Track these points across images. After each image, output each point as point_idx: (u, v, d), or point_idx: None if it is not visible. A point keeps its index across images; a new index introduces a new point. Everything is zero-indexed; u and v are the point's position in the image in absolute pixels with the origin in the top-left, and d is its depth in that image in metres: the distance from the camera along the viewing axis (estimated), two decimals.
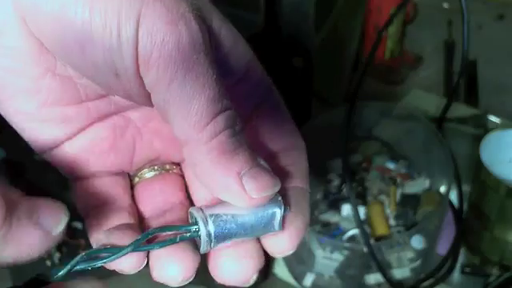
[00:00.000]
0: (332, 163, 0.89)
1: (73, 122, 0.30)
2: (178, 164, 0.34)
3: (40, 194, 0.30)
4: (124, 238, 0.27)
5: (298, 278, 0.81)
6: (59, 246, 0.81)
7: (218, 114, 0.26)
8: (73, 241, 0.81)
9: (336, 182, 0.87)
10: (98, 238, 0.28)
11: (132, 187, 0.33)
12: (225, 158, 0.26)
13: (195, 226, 0.28)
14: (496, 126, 0.94)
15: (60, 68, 0.28)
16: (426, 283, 0.79)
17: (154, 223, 0.31)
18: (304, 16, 0.77)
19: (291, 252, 0.29)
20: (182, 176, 0.33)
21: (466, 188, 0.82)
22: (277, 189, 0.28)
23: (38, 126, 0.29)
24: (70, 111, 0.29)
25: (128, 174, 0.33)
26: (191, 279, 0.28)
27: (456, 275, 0.81)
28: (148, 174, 0.33)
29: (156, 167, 0.33)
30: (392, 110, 0.90)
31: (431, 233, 0.78)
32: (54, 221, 0.24)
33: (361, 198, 0.84)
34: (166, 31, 0.25)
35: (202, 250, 0.28)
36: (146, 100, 0.27)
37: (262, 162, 0.28)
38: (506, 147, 0.77)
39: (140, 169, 0.33)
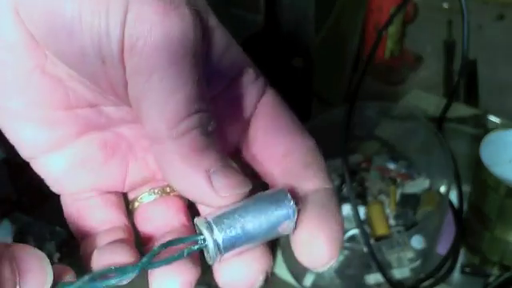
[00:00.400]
0: (332, 163, 0.89)
1: (59, 127, 0.29)
2: None
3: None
4: (115, 257, 0.26)
5: (298, 277, 0.81)
6: (59, 247, 0.81)
7: (192, 113, 0.25)
8: (73, 241, 0.81)
9: (336, 182, 0.87)
10: (90, 258, 0.28)
11: (132, 212, 0.32)
12: (195, 155, 0.25)
13: (201, 236, 0.26)
14: (496, 126, 0.94)
15: (50, 67, 0.28)
16: (426, 283, 0.79)
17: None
18: (304, 16, 0.77)
19: (331, 263, 0.26)
20: (183, 198, 0.32)
21: (466, 188, 0.82)
22: (247, 189, 0.26)
23: (23, 127, 0.28)
24: (58, 115, 0.28)
25: (126, 195, 0.32)
26: None
27: (456, 275, 0.81)
28: (148, 197, 0.32)
29: (156, 190, 0.32)
30: (392, 110, 0.90)
31: (431, 233, 0.78)
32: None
33: (361, 198, 0.84)
34: (155, 20, 0.25)
35: (212, 260, 0.26)
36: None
37: (234, 165, 0.27)
38: (506, 147, 0.77)
39: (139, 193, 0.32)
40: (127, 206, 0.32)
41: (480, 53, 1.06)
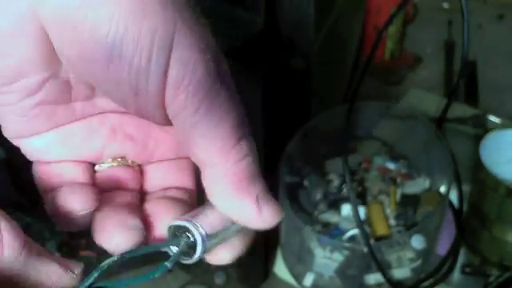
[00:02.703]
0: (332, 163, 0.89)
1: (57, 119, 0.30)
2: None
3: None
4: (74, 196, 0.29)
5: (298, 277, 0.81)
6: (60, 246, 0.81)
7: (240, 139, 0.28)
8: (73, 241, 0.81)
9: (336, 182, 0.87)
10: (53, 208, 0.29)
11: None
12: (246, 183, 0.28)
13: (187, 235, 0.28)
14: (496, 126, 0.94)
15: (63, 71, 0.28)
16: (426, 283, 0.79)
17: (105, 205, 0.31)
18: (304, 16, 0.77)
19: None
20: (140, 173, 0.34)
21: (466, 188, 0.82)
22: (283, 216, 0.29)
23: (22, 120, 0.29)
24: (58, 109, 0.30)
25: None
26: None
27: (456, 275, 0.81)
28: (109, 164, 0.33)
29: (119, 159, 0.33)
30: (392, 109, 0.90)
31: (431, 233, 0.78)
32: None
33: (361, 198, 0.84)
34: (196, 59, 0.26)
35: (200, 254, 0.28)
36: (160, 119, 0.28)
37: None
38: (505, 147, 0.77)
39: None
40: None
41: (480, 53, 1.06)
